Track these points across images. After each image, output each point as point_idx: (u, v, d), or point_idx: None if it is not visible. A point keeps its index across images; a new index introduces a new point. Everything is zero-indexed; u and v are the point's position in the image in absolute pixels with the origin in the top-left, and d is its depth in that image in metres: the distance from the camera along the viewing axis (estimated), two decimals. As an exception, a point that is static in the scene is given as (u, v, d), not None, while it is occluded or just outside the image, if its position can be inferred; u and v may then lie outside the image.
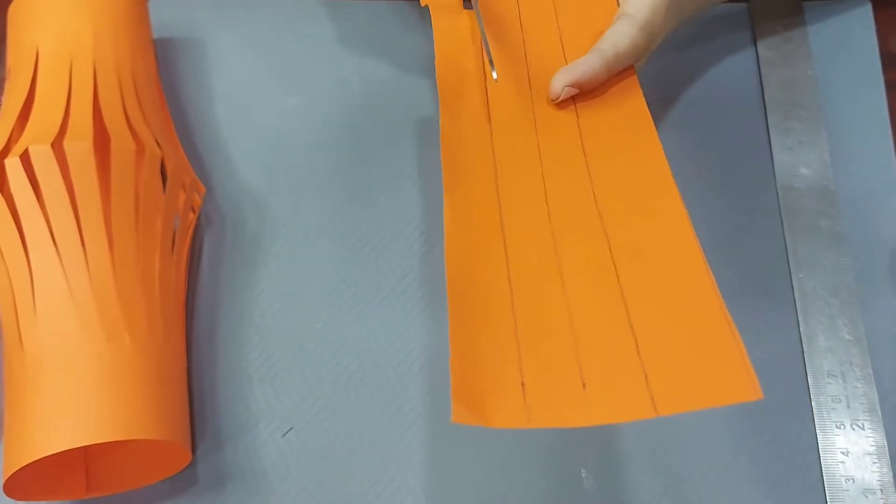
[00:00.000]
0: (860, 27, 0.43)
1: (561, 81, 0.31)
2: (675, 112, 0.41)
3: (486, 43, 0.31)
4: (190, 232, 0.38)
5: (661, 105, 0.41)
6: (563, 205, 0.28)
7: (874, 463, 0.33)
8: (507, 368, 0.23)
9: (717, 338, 0.22)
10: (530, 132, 0.31)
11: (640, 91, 0.32)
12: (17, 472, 0.29)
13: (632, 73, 0.33)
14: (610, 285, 0.25)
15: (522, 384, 0.23)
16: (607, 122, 0.31)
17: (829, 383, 0.35)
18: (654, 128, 0.30)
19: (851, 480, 0.33)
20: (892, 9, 0.44)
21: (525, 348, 0.24)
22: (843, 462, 0.33)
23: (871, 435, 0.33)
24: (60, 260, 0.31)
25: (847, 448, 0.33)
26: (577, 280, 0.25)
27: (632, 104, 0.31)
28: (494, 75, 0.29)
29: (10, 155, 0.32)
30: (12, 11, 0.38)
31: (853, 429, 0.34)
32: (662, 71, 0.42)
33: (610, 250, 0.25)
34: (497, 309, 0.25)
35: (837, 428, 0.34)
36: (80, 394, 0.29)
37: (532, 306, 0.25)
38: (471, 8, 0.35)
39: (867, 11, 0.44)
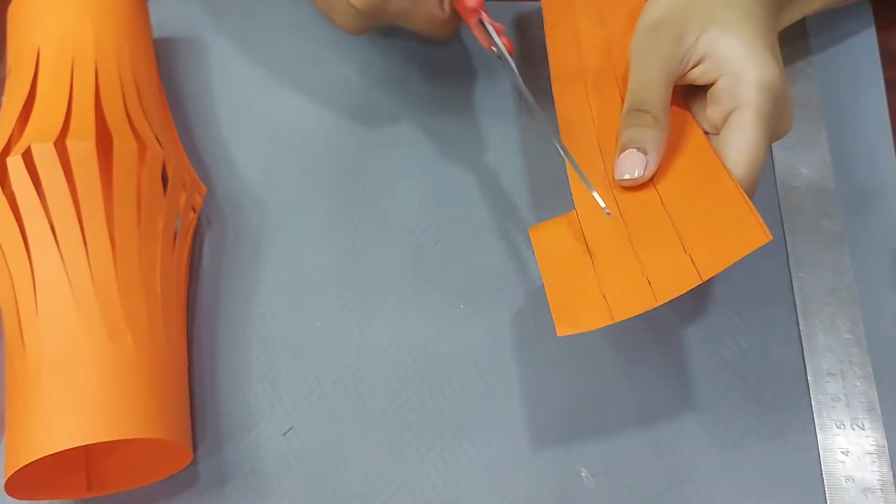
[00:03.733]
0: (860, 27, 0.43)
1: None
2: (676, 112, 0.41)
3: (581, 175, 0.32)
4: (190, 231, 0.38)
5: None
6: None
7: (874, 462, 0.33)
8: (590, 287, 0.30)
9: (734, 208, 0.29)
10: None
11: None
12: (18, 470, 0.29)
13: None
14: (654, 200, 0.31)
15: (604, 296, 0.29)
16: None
17: (829, 382, 0.35)
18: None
19: (851, 480, 0.33)
20: (893, 9, 0.44)
21: (600, 270, 0.30)
22: (842, 461, 0.33)
23: (871, 434, 0.33)
24: (62, 258, 0.31)
25: (847, 447, 0.33)
26: (631, 208, 0.32)
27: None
28: (605, 209, 0.31)
29: (12, 153, 0.32)
30: (12, 11, 0.38)
31: (853, 428, 0.34)
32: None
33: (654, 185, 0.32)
34: (577, 248, 0.32)
35: (837, 427, 0.34)
36: (81, 392, 0.29)
37: (601, 238, 0.31)
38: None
39: (867, 11, 0.44)
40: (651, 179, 0.32)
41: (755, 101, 0.30)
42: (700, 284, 0.28)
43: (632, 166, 0.31)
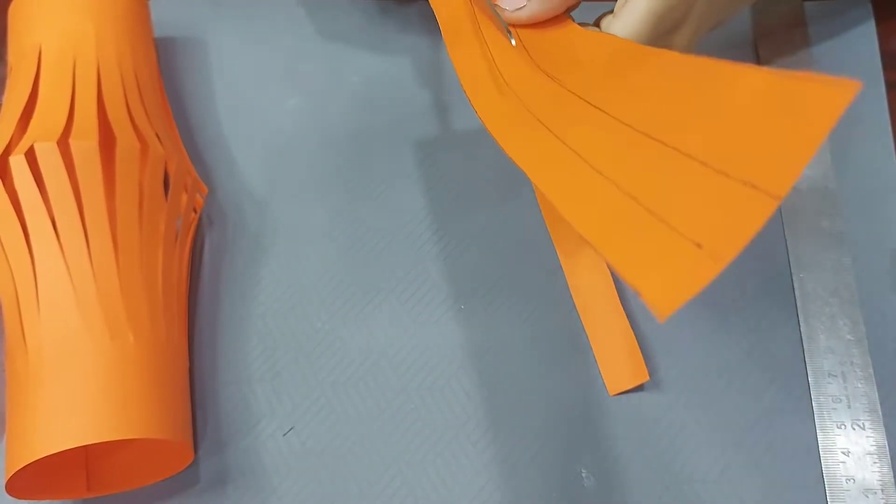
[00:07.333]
0: (861, 27, 0.43)
1: None
2: (676, 112, 0.41)
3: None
4: (191, 232, 0.38)
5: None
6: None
7: (875, 463, 0.33)
8: None
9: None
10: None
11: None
12: (19, 470, 0.29)
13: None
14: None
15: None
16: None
17: (830, 383, 0.35)
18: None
19: (852, 480, 0.33)
20: (893, 9, 0.44)
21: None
22: (843, 462, 0.33)
23: (872, 435, 0.33)
24: (64, 258, 0.31)
25: (848, 448, 0.33)
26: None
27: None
28: (513, 41, 0.31)
29: (14, 153, 0.32)
30: (13, 10, 0.38)
31: (854, 429, 0.34)
32: (663, 71, 0.42)
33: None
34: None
35: (838, 428, 0.34)
36: (82, 392, 0.29)
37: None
38: None
39: (868, 11, 0.44)
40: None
41: None
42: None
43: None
